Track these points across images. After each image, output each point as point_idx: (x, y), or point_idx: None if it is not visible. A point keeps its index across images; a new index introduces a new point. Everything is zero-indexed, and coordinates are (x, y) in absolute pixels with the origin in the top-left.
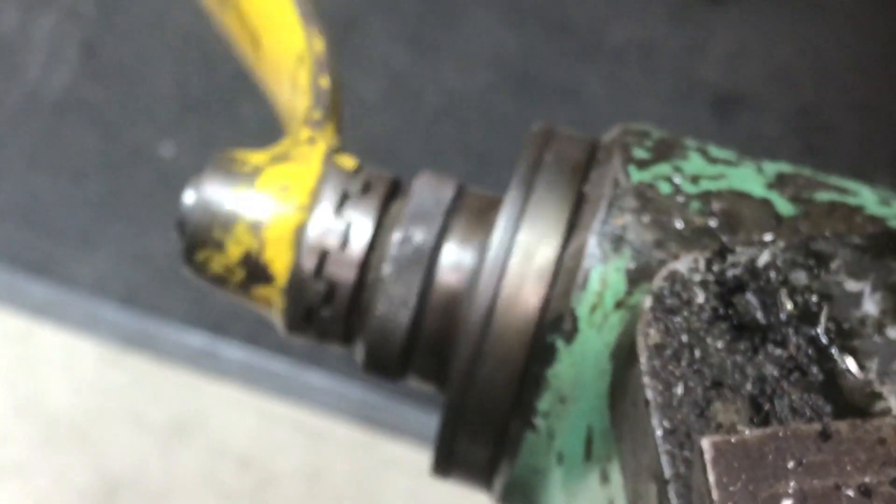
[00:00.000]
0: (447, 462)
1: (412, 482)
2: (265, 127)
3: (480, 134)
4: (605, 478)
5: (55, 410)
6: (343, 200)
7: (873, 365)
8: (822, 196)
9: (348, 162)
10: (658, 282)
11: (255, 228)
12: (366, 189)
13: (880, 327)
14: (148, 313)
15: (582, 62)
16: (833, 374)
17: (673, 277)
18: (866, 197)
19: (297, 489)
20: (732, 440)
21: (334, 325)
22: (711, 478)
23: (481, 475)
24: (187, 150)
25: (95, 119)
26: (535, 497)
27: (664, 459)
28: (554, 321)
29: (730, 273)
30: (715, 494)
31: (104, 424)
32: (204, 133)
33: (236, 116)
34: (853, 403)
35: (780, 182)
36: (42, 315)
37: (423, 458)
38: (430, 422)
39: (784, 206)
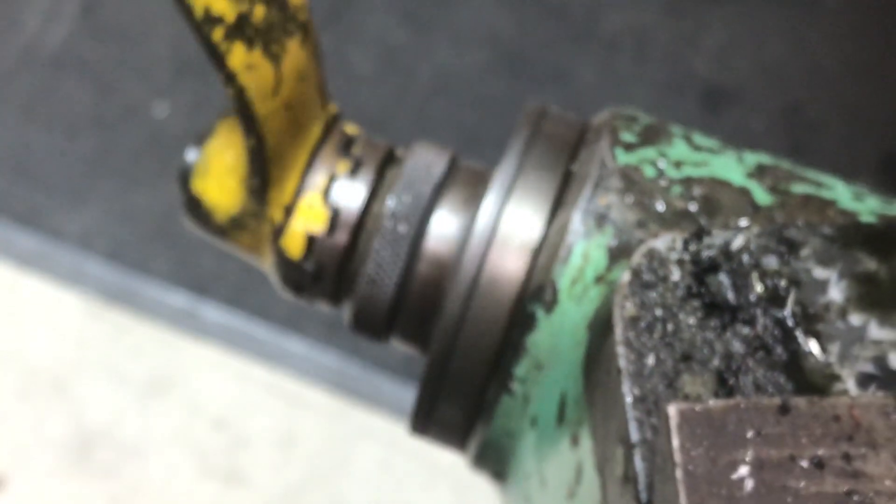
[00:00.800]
0: (425, 421)
1: (384, 451)
2: None
3: (472, 112)
4: (575, 441)
5: (36, 361)
6: (331, 182)
7: (835, 348)
8: (799, 188)
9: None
10: (637, 258)
11: None
12: (357, 167)
13: (843, 313)
14: (132, 270)
15: (575, 47)
16: (796, 355)
17: (651, 255)
18: (841, 191)
19: (269, 452)
20: (697, 408)
21: (324, 290)
22: (675, 442)
23: (457, 435)
24: (180, 111)
25: (91, 76)
26: (508, 458)
27: (632, 425)
28: (536, 291)
29: (705, 254)
30: (677, 457)
31: (83, 377)
32: (198, 95)
33: None
34: (813, 383)
35: (759, 172)
36: (28, 266)
37: (395, 428)
38: (405, 394)
39: (762, 196)
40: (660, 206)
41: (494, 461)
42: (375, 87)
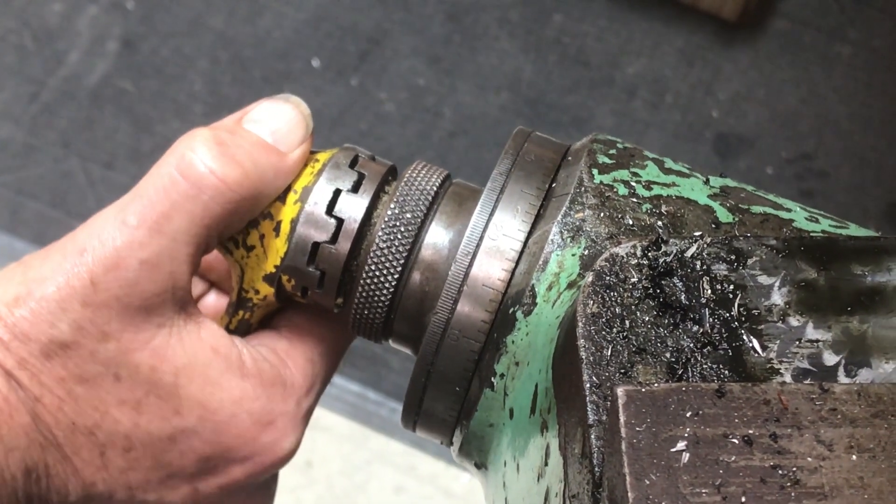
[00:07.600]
0: (415, 415)
1: (400, 476)
2: None
3: (492, 153)
4: (544, 427)
5: None
6: (336, 196)
7: (774, 346)
8: (758, 209)
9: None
10: (600, 262)
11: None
12: (357, 184)
13: (784, 316)
14: None
15: (594, 93)
16: (740, 351)
17: (613, 259)
18: (798, 213)
19: (290, 476)
20: (643, 390)
21: (326, 297)
22: (622, 418)
23: (443, 428)
24: None
25: (129, 110)
26: (488, 447)
27: (590, 408)
28: (516, 296)
29: (661, 260)
30: (623, 432)
31: None
32: None
33: None
34: (754, 376)
35: (723, 193)
36: None
37: (412, 454)
38: None
39: (723, 214)
40: (630, 221)
41: (476, 452)
42: (400, 125)
